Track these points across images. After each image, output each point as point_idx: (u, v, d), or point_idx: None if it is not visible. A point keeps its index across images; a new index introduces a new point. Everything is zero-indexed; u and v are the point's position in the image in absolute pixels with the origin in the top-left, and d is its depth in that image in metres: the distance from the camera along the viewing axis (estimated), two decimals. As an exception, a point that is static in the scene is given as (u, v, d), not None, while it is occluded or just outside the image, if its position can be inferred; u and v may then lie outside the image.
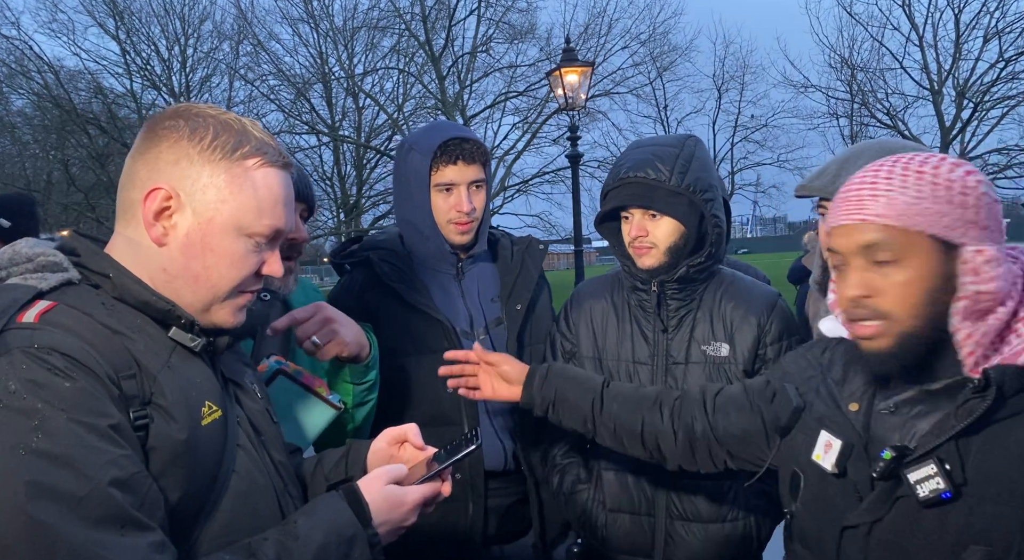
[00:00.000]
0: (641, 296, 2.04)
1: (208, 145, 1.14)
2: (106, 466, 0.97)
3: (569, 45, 13.40)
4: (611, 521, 2.03)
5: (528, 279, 2.25)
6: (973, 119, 20.19)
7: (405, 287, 2.14)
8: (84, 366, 1.01)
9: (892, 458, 1.19)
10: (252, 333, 1.39)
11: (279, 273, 1.22)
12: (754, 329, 1.98)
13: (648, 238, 1.95)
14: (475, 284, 2.24)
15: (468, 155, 2.11)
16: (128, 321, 1.11)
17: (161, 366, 1.10)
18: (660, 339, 2.01)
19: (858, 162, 1.75)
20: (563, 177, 22.54)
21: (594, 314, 2.11)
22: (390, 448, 1.41)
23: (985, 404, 1.13)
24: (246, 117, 1.20)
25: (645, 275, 1.99)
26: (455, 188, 2.12)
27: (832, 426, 1.33)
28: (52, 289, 1.09)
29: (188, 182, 1.13)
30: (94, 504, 0.95)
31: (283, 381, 1.65)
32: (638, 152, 1.98)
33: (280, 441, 1.34)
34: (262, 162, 1.17)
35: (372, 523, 1.19)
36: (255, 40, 21.51)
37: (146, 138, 1.16)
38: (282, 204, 1.20)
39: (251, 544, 1.10)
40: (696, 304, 2.02)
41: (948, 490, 1.13)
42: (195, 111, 1.17)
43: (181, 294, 1.16)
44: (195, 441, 1.09)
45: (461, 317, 2.19)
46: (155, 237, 1.14)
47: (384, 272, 2.16)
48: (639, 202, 1.93)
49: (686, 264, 1.96)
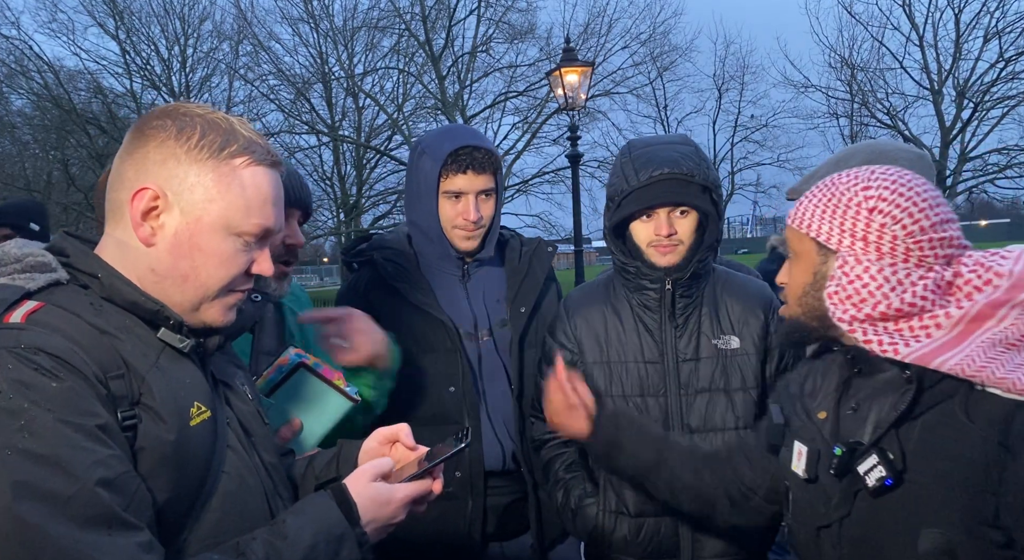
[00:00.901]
0: (647, 296, 2.03)
1: (195, 144, 1.13)
2: (93, 466, 0.97)
3: (569, 45, 13.41)
4: (635, 527, 2.00)
5: (534, 281, 2.26)
6: (973, 119, 20.16)
7: (408, 287, 2.15)
8: (71, 366, 1.01)
9: (843, 454, 1.30)
10: (243, 333, 1.39)
11: (269, 272, 1.22)
12: (760, 319, 2.03)
13: (676, 236, 1.97)
14: (481, 286, 2.26)
15: (479, 165, 2.12)
16: (116, 321, 1.11)
17: (149, 366, 1.10)
18: (669, 337, 2.01)
19: (847, 166, 1.76)
20: (563, 177, 22.51)
21: (594, 320, 2.09)
22: (381, 448, 1.41)
23: (907, 398, 1.26)
24: (235, 116, 1.20)
25: (660, 273, 1.99)
26: (463, 197, 2.13)
27: (803, 436, 1.44)
28: (40, 289, 1.09)
29: (175, 182, 1.13)
30: (81, 504, 0.95)
31: (303, 374, 1.67)
32: (661, 149, 1.96)
33: (271, 443, 1.34)
34: (250, 161, 1.17)
35: (360, 522, 1.19)
36: (255, 40, 21.50)
37: (134, 138, 1.16)
38: (271, 203, 1.19)
39: (239, 544, 1.10)
40: (699, 301, 2.04)
41: (889, 477, 1.24)
42: (183, 111, 1.17)
43: (170, 294, 1.16)
44: (183, 442, 1.09)
45: (465, 318, 2.20)
46: (143, 237, 1.14)
47: (388, 272, 2.17)
48: (675, 198, 1.93)
49: (695, 260, 1.98)
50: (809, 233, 1.36)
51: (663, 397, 2.00)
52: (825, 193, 1.35)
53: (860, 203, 1.30)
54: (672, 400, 2.00)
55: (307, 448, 1.68)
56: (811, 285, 1.36)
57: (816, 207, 1.36)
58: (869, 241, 1.29)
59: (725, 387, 2.00)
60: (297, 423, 1.66)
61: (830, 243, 1.33)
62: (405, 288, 2.15)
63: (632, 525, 2.00)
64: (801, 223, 1.37)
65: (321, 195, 23.58)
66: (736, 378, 2.00)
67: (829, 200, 1.34)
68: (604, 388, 2.05)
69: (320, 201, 23.73)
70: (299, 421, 1.66)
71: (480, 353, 2.20)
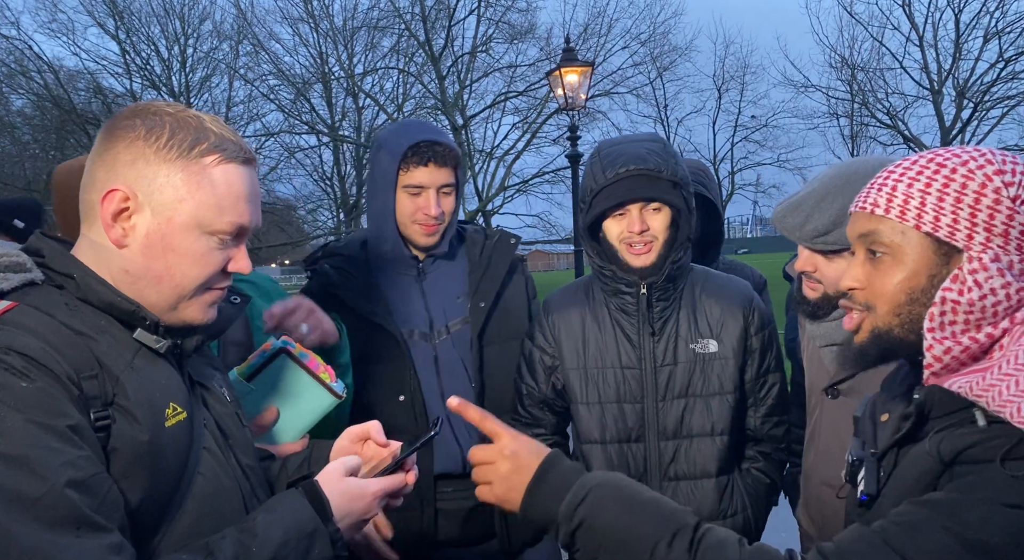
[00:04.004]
0: (624, 300, 2.01)
1: (164, 144, 1.13)
2: (63, 467, 0.96)
3: (569, 45, 13.40)
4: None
5: (495, 275, 2.19)
6: (973, 119, 20.18)
7: (353, 295, 2.10)
8: (43, 366, 1.00)
9: (854, 462, 1.21)
10: (222, 334, 1.38)
11: (247, 269, 1.22)
12: (740, 321, 2.01)
13: (650, 232, 1.94)
14: (439, 283, 2.19)
15: (440, 158, 2.06)
16: (91, 322, 1.11)
17: (124, 367, 1.09)
18: (646, 342, 1.99)
19: (836, 201, 1.70)
20: (563, 177, 22.54)
21: (572, 323, 2.07)
22: (353, 446, 1.40)
23: (906, 424, 1.10)
24: (207, 114, 1.20)
25: (636, 276, 1.97)
26: (424, 191, 2.07)
27: (858, 437, 1.30)
28: (13, 289, 1.09)
29: (145, 182, 1.13)
30: (49, 505, 0.94)
31: (284, 360, 1.61)
32: (628, 147, 1.96)
33: (249, 445, 1.33)
34: (221, 159, 1.16)
35: (333, 518, 1.18)
36: (255, 40, 21.55)
37: (104, 139, 1.15)
38: (245, 200, 1.19)
39: (208, 543, 1.08)
40: (677, 304, 2.02)
41: (864, 493, 1.14)
42: (152, 110, 1.16)
43: (145, 295, 1.15)
44: (158, 442, 1.08)
45: (419, 319, 2.14)
46: (115, 239, 1.13)
47: (333, 281, 2.13)
48: (644, 193, 1.91)
49: (670, 261, 1.96)
50: (922, 227, 1.10)
51: (640, 403, 1.99)
52: (935, 178, 1.10)
53: (998, 190, 1.07)
54: (649, 406, 1.98)
55: (283, 441, 1.63)
56: (923, 292, 1.11)
57: (927, 194, 1.09)
58: (1010, 237, 1.07)
59: (702, 392, 1.98)
60: (273, 411, 1.60)
61: (955, 239, 1.08)
62: (349, 297, 2.09)
63: None
64: (905, 214, 1.11)
65: (321, 195, 23.58)
66: (713, 383, 1.98)
67: (946, 186, 1.09)
68: (580, 394, 2.04)
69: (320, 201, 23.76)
70: (275, 410, 1.61)
71: (437, 354, 2.14)
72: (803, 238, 1.77)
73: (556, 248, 42.91)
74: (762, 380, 2.06)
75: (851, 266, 1.20)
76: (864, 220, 1.16)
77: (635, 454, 1.99)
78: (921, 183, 1.10)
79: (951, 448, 1.01)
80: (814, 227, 1.73)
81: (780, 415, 2.09)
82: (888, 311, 1.14)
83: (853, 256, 1.22)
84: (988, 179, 1.07)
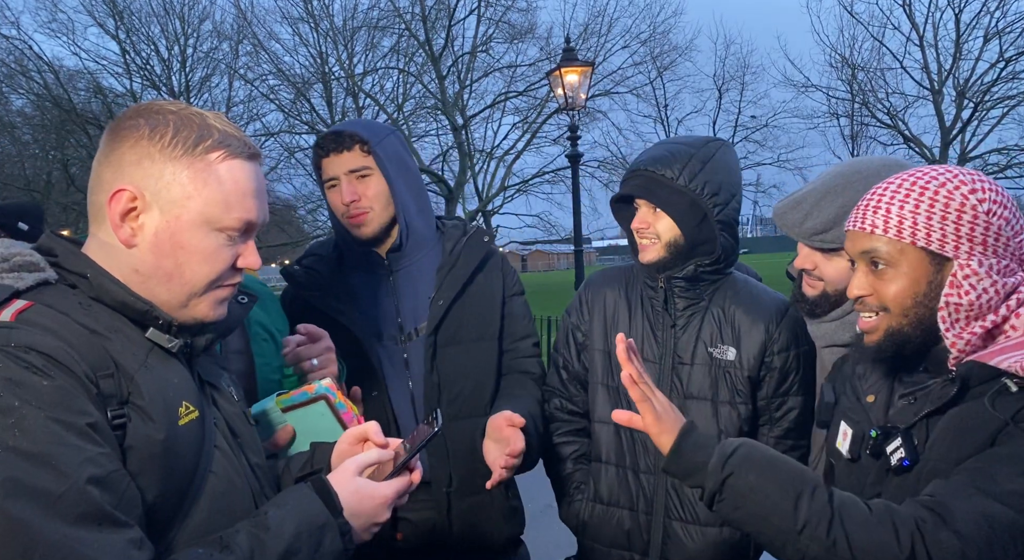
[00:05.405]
0: (652, 293, 2.05)
1: (169, 142, 1.14)
2: (84, 464, 0.97)
3: (569, 45, 13.39)
4: (608, 515, 2.02)
5: (460, 273, 2.08)
6: (973, 119, 20.16)
7: (320, 294, 2.05)
8: (62, 365, 1.01)
9: (878, 436, 1.38)
10: (231, 332, 1.39)
11: (256, 265, 1.23)
12: (762, 335, 1.97)
13: (650, 230, 1.97)
14: (411, 282, 2.10)
15: (338, 143, 2.00)
16: (105, 321, 1.12)
17: (138, 366, 1.10)
18: (669, 337, 2.01)
19: (835, 200, 1.74)
20: (563, 177, 22.53)
21: (607, 304, 2.11)
22: (352, 448, 1.40)
23: (950, 393, 1.31)
24: (210, 111, 1.20)
25: (649, 269, 2.01)
26: (337, 182, 2.03)
27: (850, 417, 1.51)
28: (29, 288, 1.10)
29: (151, 181, 1.14)
30: (72, 501, 0.95)
31: (323, 407, 1.61)
32: (658, 148, 2.00)
33: (257, 444, 1.35)
34: (226, 155, 1.17)
35: (342, 512, 1.19)
36: (255, 40, 21.51)
37: (109, 140, 1.16)
38: (251, 196, 1.20)
39: (223, 537, 1.10)
40: (705, 305, 2.02)
41: (907, 458, 1.32)
42: (155, 109, 1.17)
43: (156, 293, 1.16)
44: (172, 441, 1.09)
45: (389, 320, 2.06)
46: (123, 238, 1.14)
47: (301, 282, 2.09)
48: (641, 194, 1.95)
49: (695, 263, 1.96)
50: (916, 243, 1.33)
51: None
52: (922, 199, 1.33)
53: (975, 206, 1.31)
54: None
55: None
56: (925, 295, 1.34)
57: (917, 215, 1.33)
58: (988, 244, 1.31)
59: (712, 397, 1.97)
60: (289, 431, 1.61)
61: (945, 251, 1.32)
62: (316, 297, 2.04)
63: (607, 513, 2.03)
64: (901, 233, 1.34)
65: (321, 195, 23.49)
66: (725, 390, 1.97)
67: (932, 206, 1.32)
68: (602, 375, 2.06)
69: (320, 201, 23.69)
70: (291, 429, 1.62)
71: (407, 356, 2.05)
72: (802, 235, 1.81)
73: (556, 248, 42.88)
74: (780, 400, 2.00)
75: (856, 276, 1.41)
76: (864, 239, 1.38)
77: (646, 442, 1.98)
78: (911, 205, 1.33)
79: (1011, 408, 1.23)
80: (813, 225, 1.78)
81: (795, 439, 1.99)
82: (899, 313, 1.37)
83: (854, 266, 1.43)
84: (965, 198, 1.31)
